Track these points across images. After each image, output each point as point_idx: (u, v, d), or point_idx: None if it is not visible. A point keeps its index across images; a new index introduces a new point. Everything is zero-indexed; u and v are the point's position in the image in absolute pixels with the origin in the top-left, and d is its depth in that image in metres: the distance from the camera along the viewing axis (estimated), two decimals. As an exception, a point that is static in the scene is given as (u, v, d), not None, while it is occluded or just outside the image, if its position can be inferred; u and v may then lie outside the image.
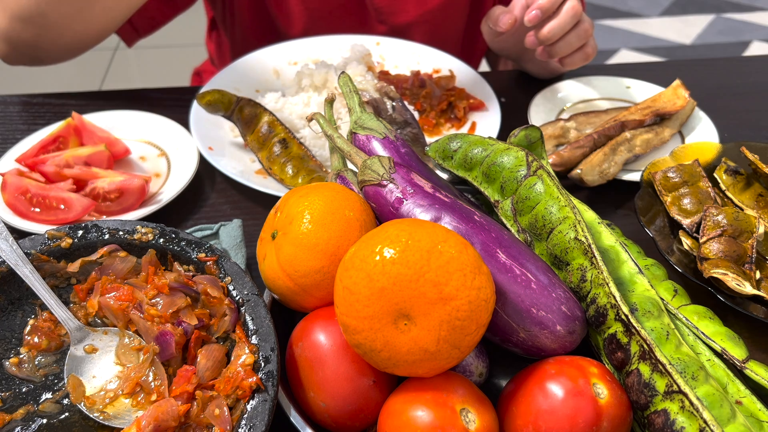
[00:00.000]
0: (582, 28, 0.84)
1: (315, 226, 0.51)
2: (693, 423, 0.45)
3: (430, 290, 0.44)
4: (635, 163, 0.83)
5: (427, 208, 0.52)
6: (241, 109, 0.81)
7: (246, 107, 0.81)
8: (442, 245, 0.45)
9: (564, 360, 0.49)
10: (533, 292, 0.49)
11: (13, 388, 0.52)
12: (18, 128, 0.90)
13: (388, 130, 0.59)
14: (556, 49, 0.85)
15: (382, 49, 1.04)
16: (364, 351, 0.46)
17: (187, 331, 0.52)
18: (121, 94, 0.97)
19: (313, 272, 0.51)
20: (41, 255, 0.56)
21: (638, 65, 1.11)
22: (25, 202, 0.72)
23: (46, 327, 0.55)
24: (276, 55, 1.01)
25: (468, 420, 0.45)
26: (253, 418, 0.47)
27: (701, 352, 0.54)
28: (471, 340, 0.46)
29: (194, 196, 0.80)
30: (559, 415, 0.45)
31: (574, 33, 0.84)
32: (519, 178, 0.58)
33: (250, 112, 0.81)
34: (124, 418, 0.50)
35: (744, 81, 1.05)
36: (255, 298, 0.54)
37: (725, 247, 0.63)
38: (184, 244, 0.57)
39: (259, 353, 0.50)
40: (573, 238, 0.54)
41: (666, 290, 0.58)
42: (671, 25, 2.93)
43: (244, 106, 0.81)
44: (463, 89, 0.95)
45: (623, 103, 0.96)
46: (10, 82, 2.55)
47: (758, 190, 0.73)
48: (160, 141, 0.85)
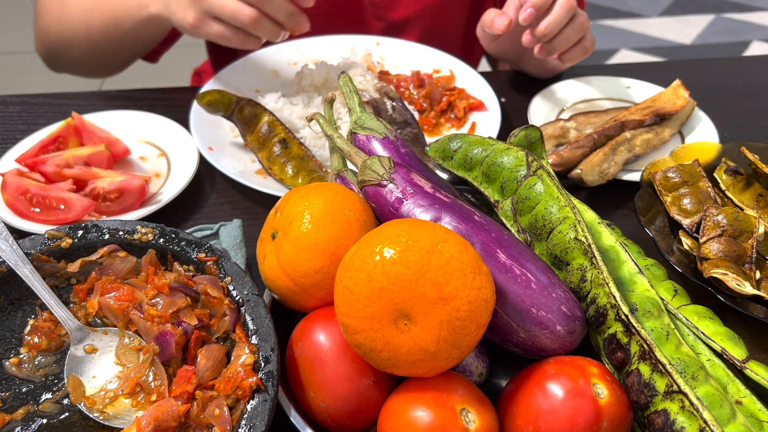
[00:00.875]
0: (578, 21, 0.84)
1: (315, 226, 0.51)
2: (693, 423, 0.45)
3: (430, 290, 0.44)
4: (635, 163, 0.83)
5: (427, 208, 0.52)
6: (241, 109, 0.81)
7: (246, 107, 0.81)
8: (442, 245, 0.45)
9: (564, 360, 0.49)
10: (533, 292, 0.49)
11: (13, 388, 0.52)
12: (18, 128, 0.90)
13: (388, 130, 0.59)
14: (554, 45, 0.85)
15: (382, 49, 1.04)
16: (364, 351, 0.46)
17: (187, 331, 0.52)
18: (121, 94, 0.97)
19: (313, 272, 0.51)
20: (41, 255, 0.56)
21: (638, 65, 1.11)
22: (25, 202, 0.72)
23: (46, 327, 0.55)
24: (276, 55, 1.02)
25: (468, 420, 0.45)
26: (253, 418, 0.47)
27: (701, 352, 0.54)
28: (471, 340, 0.46)
29: (194, 196, 0.80)
30: (559, 415, 0.45)
31: (571, 27, 0.84)
32: (519, 178, 0.58)
33: (250, 112, 0.81)
34: (124, 418, 0.50)
35: (744, 81, 1.05)
36: (255, 298, 0.54)
37: (725, 247, 0.63)
38: (184, 244, 0.57)
39: (259, 353, 0.50)
40: (573, 238, 0.54)
41: (666, 290, 0.58)
42: (671, 25, 2.93)
43: (244, 106, 0.81)
44: (463, 89, 0.95)
45: (623, 103, 0.96)
46: (10, 82, 2.55)
47: (758, 190, 0.73)
48: (160, 141, 0.85)
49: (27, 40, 2.82)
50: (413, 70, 0.99)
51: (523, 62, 1.01)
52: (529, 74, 1.04)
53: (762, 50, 2.76)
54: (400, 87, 0.94)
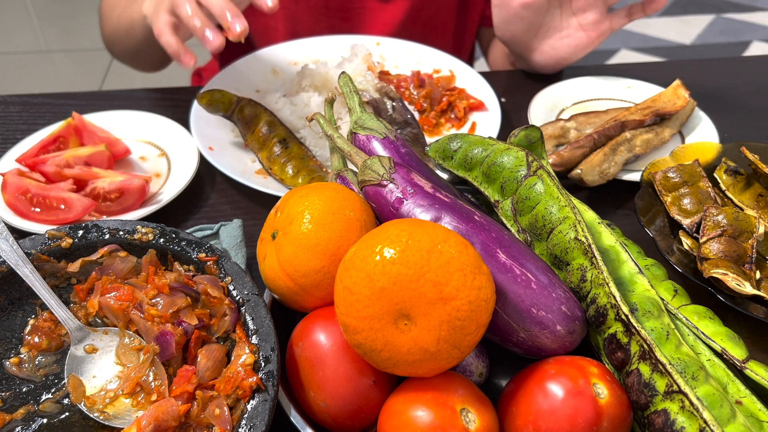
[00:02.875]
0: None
1: (315, 226, 0.51)
2: (693, 423, 0.45)
3: (430, 290, 0.44)
4: (635, 163, 0.83)
5: (427, 208, 0.52)
6: (241, 109, 0.81)
7: (246, 107, 0.81)
8: (442, 245, 0.45)
9: (564, 360, 0.49)
10: (533, 292, 0.49)
11: (14, 388, 0.52)
12: (18, 128, 0.90)
13: (388, 130, 0.59)
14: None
15: (382, 49, 1.04)
16: (364, 351, 0.46)
17: (187, 331, 0.52)
18: (121, 94, 0.97)
19: (313, 272, 0.51)
20: (41, 255, 0.56)
21: (638, 65, 1.11)
22: (26, 202, 0.72)
23: (46, 327, 0.55)
24: (276, 55, 1.02)
25: (468, 420, 0.45)
26: (253, 418, 0.47)
27: (701, 352, 0.54)
28: (471, 340, 0.46)
29: (194, 196, 0.80)
30: (559, 415, 0.45)
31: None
32: (519, 178, 0.58)
33: (250, 112, 0.81)
34: (124, 418, 0.50)
35: (744, 81, 1.05)
36: (255, 298, 0.54)
37: (725, 247, 0.63)
38: (185, 244, 0.57)
39: (259, 353, 0.50)
40: (573, 238, 0.54)
41: (666, 290, 0.58)
42: (671, 25, 2.92)
43: (244, 106, 0.81)
44: (463, 89, 0.95)
45: (623, 103, 0.96)
46: (10, 82, 2.55)
47: (758, 190, 0.73)
48: (160, 141, 0.85)
49: (27, 40, 2.83)
50: (413, 70, 0.99)
51: (531, 50, 0.99)
52: (532, 68, 1.02)
53: (762, 50, 2.76)
54: (400, 87, 0.94)
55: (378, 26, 1.12)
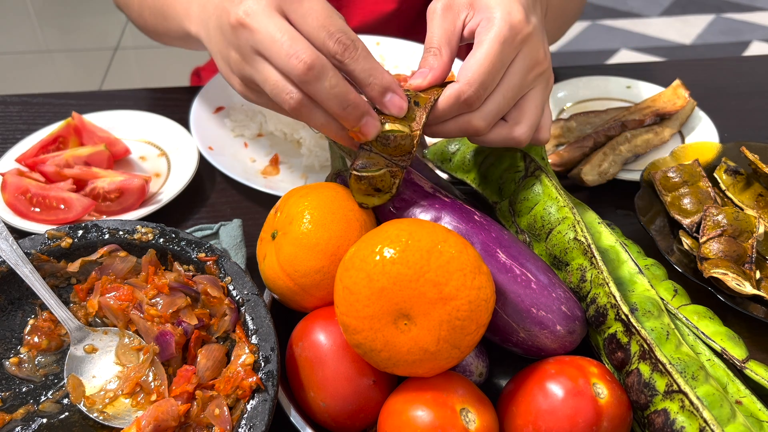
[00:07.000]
0: None
1: (315, 226, 0.51)
2: (693, 423, 0.45)
3: (430, 290, 0.44)
4: (635, 163, 0.83)
5: (427, 208, 0.52)
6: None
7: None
8: (442, 245, 0.45)
9: (564, 360, 0.49)
10: (533, 291, 0.49)
11: (13, 388, 0.52)
12: (18, 128, 0.90)
13: (388, 130, 0.59)
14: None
15: (382, 49, 1.04)
16: (364, 351, 0.46)
17: (187, 331, 0.52)
18: (121, 93, 0.97)
19: (313, 272, 0.51)
20: (41, 255, 0.56)
21: (638, 65, 1.11)
22: (25, 202, 0.72)
23: (46, 327, 0.55)
24: (276, 55, 1.01)
25: (468, 420, 0.45)
26: (253, 418, 0.47)
27: (701, 352, 0.54)
28: (471, 340, 0.46)
29: (194, 196, 0.80)
30: (559, 415, 0.45)
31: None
32: (517, 179, 0.58)
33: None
34: (124, 418, 0.50)
35: (744, 81, 1.05)
36: (255, 298, 0.54)
37: (725, 247, 0.63)
38: (184, 244, 0.57)
39: (259, 353, 0.50)
40: (572, 239, 0.54)
41: (666, 290, 0.58)
42: (671, 25, 2.92)
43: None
44: (463, 89, 0.94)
45: (623, 103, 0.96)
46: (10, 82, 2.55)
47: (758, 190, 0.73)
48: (160, 141, 0.85)
49: (27, 40, 2.83)
50: (413, 71, 0.99)
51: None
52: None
53: (762, 50, 2.75)
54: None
55: (367, 12, 1.09)
